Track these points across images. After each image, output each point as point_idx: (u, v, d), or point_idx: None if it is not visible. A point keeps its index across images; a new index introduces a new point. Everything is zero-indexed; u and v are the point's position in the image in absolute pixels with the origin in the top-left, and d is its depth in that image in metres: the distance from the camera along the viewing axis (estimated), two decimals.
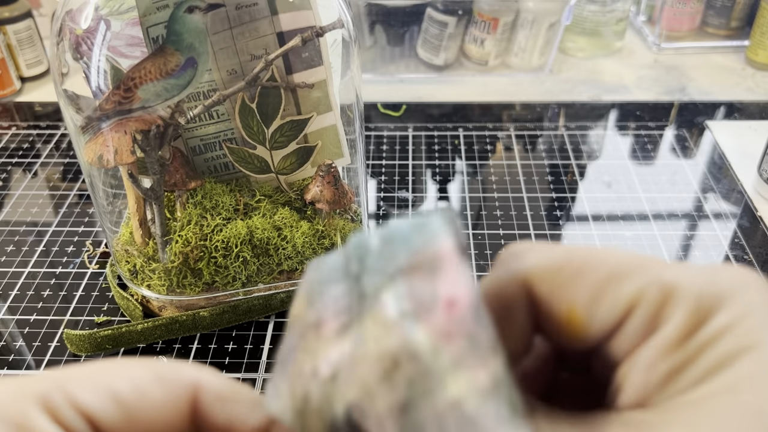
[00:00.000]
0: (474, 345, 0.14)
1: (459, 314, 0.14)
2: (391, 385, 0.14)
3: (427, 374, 0.14)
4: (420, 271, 0.15)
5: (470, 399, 0.13)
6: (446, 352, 0.14)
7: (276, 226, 0.47)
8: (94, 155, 0.43)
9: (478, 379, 0.14)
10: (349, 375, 0.15)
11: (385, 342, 0.14)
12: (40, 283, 0.53)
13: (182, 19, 0.40)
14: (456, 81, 0.81)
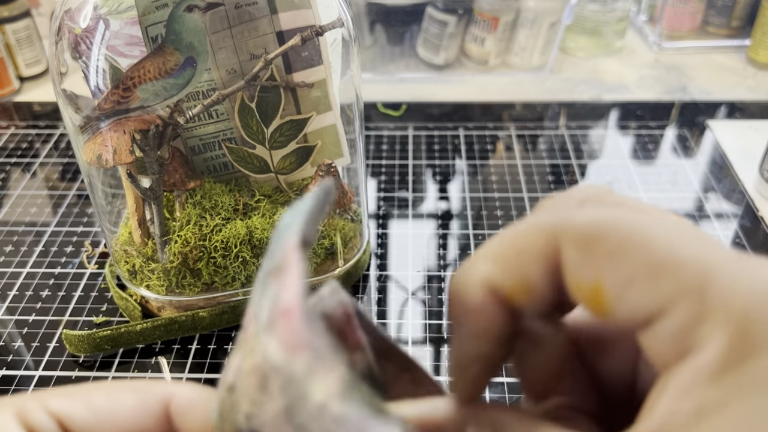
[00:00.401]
0: (316, 354, 0.15)
1: (294, 325, 0.15)
2: (269, 394, 0.15)
3: (291, 382, 0.15)
4: (276, 275, 0.16)
5: (332, 402, 0.14)
6: (297, 362, 0.15)
7: (275, 226, 0.47)
8: (92, 155, 0.43)
9: (331, 384, 0.14)
10: (240, 386, 0.16)
11: (252, 356, 0.15)
12: (38, 283, 0.53)
13: (181, 18, 0.40)
14: (456, 80, 0.81)
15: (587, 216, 0.16)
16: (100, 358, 0.47)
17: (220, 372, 0.45)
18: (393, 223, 0.58)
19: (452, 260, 0.54)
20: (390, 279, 0.53)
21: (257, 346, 0.15)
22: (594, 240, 0.15)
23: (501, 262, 0.17)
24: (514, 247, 0.17)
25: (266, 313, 0.15)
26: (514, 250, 0.17)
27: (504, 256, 0.17)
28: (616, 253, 0.15)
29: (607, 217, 0.16)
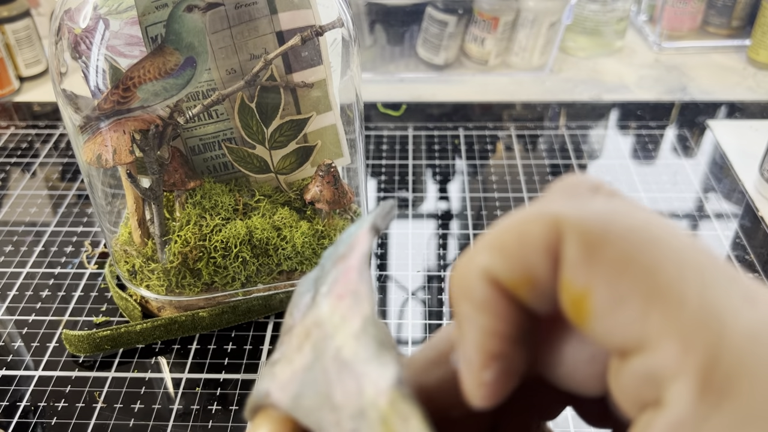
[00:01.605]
0: (356, 299, 0.16)
1: (350, 277, 0.16)
2: (301, 352, 0.16)
3: (326, 335, 0.16)
4: (344, 258, 0.17)
5: (346, 345, 0.15)
6: (338, 311, 0.16)
7: (275, 226, 0.47)
8: (92, 155, 0.43)
9: (353, 326, 0.15)
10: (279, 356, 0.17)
11: (306, 322, 0.16)
12: (38, 283, 0.53)
13: (181, 19, 0.40)
14: (456, 80, 0.81)
15: (597, 211, 0.15)
16: (99, 358, 0.47)
17: (221, 372, 0.45)
18: (393, 223, 0.58)
19: (452, 260, 0.54)
20: (390, 279, 0.53)
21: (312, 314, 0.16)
22: (599, 242, 0.14)
23: (501, 252, 0.15)
24: (515, 235, 0.15)
25: (328, 285, 0.16)
26: (516, 239, 0.15)
27: (504, 245, 0.15)
28: (618, 265, 0.14)
29: (618, 217, 0.14)
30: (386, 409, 0.14)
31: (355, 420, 0.14)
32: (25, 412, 0.43)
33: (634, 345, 0.14)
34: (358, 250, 0.17)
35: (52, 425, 0.42)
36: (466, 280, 0.16)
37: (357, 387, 0.15)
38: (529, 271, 0.15)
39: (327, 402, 0.15)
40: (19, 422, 0.43)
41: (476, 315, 0.15)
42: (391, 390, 0.14)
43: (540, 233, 0.15)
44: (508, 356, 0.16)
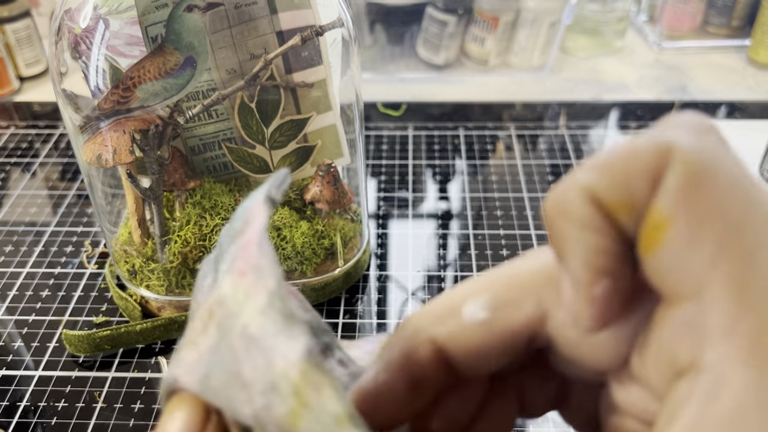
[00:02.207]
0: (259, 274, 0.15)
1: (250, 252, 0.16)
2: (206, 334, 0.16)
3: (230, 314, 0.15)
4: (241, 233, 0.16)
5: (252, 321, 0.15)
6: (241, 288, 0.15)
7: (275, 226, 0.47)
8: (92, 155, 0.43)
9: (258, 301, 0.15)
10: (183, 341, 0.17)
11: (209, 302, 0.16)
12: (38, 283, 0.53)
13: (181, 18, 0.40)
14: (456, 80, 0.81)
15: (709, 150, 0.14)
16: (99, 358, 0.47)
17: None
18: (393, 223, 0.58)
19: (452, 260, 0.54)
20: (390, 279, 0.53)
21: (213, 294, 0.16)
22: (700, 179, 0.14)
23: (607, 172, 0.15)
24: (623, 158, 0.15)
25: (227, 263, 0.16)
26: (624, 161, 0.15)
27: (610, 166, 0.15)
28: (710, 207, 0.14)
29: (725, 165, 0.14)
30: (298, 379, 0.14)
31: (267, 395, 0.14)
32: (25, 412, 0.43)
33: (690, 290, 0.14)
34: (256, 223, 0.16)
35: (52, 425, 0.42)
36: (567, 198, 0.15)
37: (266, 362, 0.14)
38: (631, 194, 0.14)
39: (236, 380, 0.15)
40: (19, 422, 0.43)
41: (579, 232, 0.15)
42: (301, 361, 0.14)
43: (649, 157, 0.14)
44: (615, 274, 0.15)
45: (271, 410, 0.14)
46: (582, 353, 0.17)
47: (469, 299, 0.17)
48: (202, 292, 0.17)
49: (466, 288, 0.18)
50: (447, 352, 0.17)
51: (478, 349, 0.17)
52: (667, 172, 0.14)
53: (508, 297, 0.17)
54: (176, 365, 0.16)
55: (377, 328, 0.49)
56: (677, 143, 0.14)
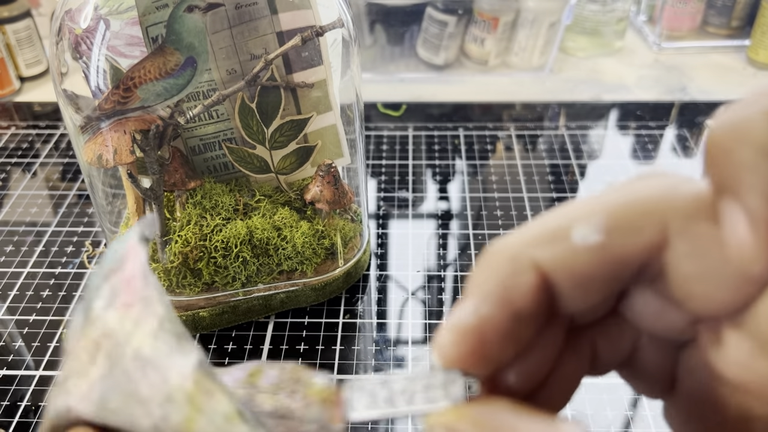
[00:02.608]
0: (147, 303, 0.16)
1: (134, 286, 0.17)
2: (95, 364, 0.16)
3: (118, 343, 0.16)
4: (115, 272, 0.17)
5: (144, 344, 0.16)
6: (128, 318, 0.16)
7: (276, 226, 0.47)
8: (93, 155, 0.43)
9: (149, 326, 0.16)
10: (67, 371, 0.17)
11: (89, 335, 0.17)
12: (39, 283, 0.53)
13: (182, 19, 0.40)
14: (456, 80, 0.81)
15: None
16: None
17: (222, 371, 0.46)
18: (393, 223, 0.58)
19: (452, 260, 0.54)
20: (390, 279, 0.53)
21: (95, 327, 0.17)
22: None
23: None
24: None
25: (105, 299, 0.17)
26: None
27: None
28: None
29: None
30: (191, 389, 0.15)
31: (163, 406, 0.15)
32: (26, 412, 0.43)
33: None
34: (135, 260, 0.17)
35: None
36: (751, 122, 0.14)
37: (162, 378, 0.16)
38: None
39: (134, 398, 0.16)
40: (20, 422, 0.43)
41: (763, 161, 0.13)
42: (194, 372, 0.16)
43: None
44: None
45: (168, 420, 0.15)
46: (696, 291, 0.15)
47: (579, 221, 0.15)
48: (74, 336, 0.17)
49: (574, 209, 0.16)
50: (552, 280, 0.16)
51: (587, 278, 0.15)
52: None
53: (627, 219, 0.15)
54: (65, 396, 0.16)
55: (377, 327, 0.49)
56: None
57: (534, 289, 0.15)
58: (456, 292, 0.51)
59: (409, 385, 0.16)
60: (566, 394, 0.18)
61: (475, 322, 0.15)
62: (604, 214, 0.15)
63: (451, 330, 0.15)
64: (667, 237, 0.15)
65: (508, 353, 0.16)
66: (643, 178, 0.16)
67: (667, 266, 0.15)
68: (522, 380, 0.17)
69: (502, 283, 0.15)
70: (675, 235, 0.15)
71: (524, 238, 0.16)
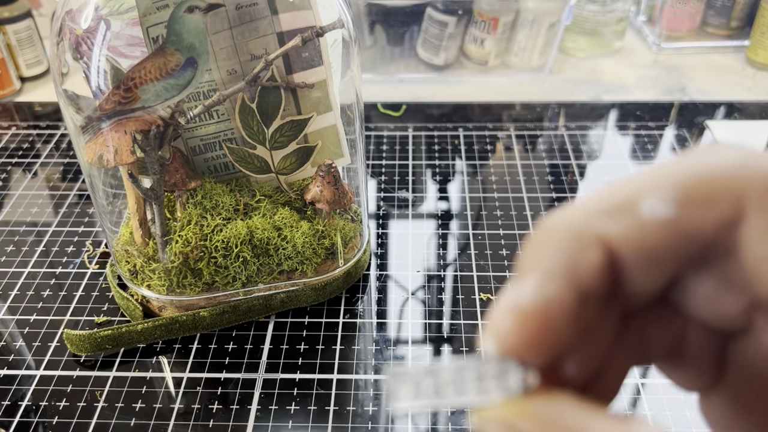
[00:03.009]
0: None
1: None
2: None
3: None
4: None
5: None
6: None
7: (276, 226, 0.47)
8: (94, 155, 0.43)
9: None
10: None
11: None
12: (39, 283, 0.53)
13: (182, 19, 0.40)
14: (456, 81, 0.81)
15: None
16: (101, 357, 0.47)
17: (221, 371, 0.46)
18: (393, 223, 0.59)
19: (452, 260, 0.54)
20: (390, 279, 0.53)
21: None
22: None
23: None
24: None
25: None
26: None
27: None
28: None
29: None
30: None
31: None
32: (26, 412, 0.43)
33: None
34: None
35: (54, 424, 0.43)
36: None
37: None
38: None
39: None
40: (20, 422, 0.43)
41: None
42: None
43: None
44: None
45: None
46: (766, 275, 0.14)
47: (648, 192, 0.14)
48: None
49: (641, 180, 0.15)
50: (619, 257, 0.14)
51: (656, 255, 0.14)
52: None
53: (701, 191, 0.14)
54: None
55: (377, 327, 0.49)
56: None
57: (602, 267, 0.14)
58: (456, 292, 0.51)
59: (458, 375, 0.15)
60: (617, 385, 0.17)
61: (539, 303, 0.14)
62: (676, 186, 0.14)
63: (511, 313, 0.14)
64: (743, 212, 0.14)
65: (573, 339, 0.14)
66: (715, 149, 0.15)
67: (739, 245, 0.14)
68: (580, 370, 0.16)
69: (568, 259, 0.14)
70: (752, 210, 0.14)
71: (589, 211, 0.15)
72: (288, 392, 0.44)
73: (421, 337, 0.48)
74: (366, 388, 0.44)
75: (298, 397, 0.44)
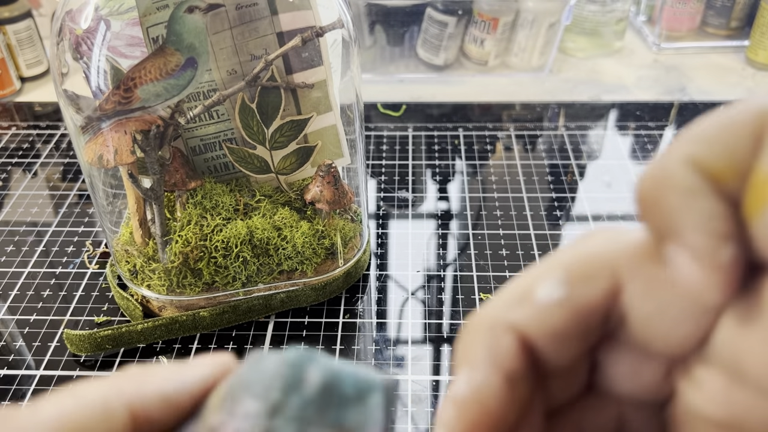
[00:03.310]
0: None
1: None
2: None
3: None
4: None
5: None
6: None
7: (276, 226, 0.47)
8: (94, 155, 0.43)
9: None
10: None
11: None
12: (40, 283, 0.53)
13: (182, 19, 0.40)
14: (456, 81, 0.81)
15: None
16: (101, 357, 0.47)
17: None
18: (393, 223, 0.59)
19: (452, 260, 0.54)
20: (390, 279, 0.53)
21: None
22: None
23: (708, 141, 0.15)
24: (720, 125, 0.15)
25: None
26: (721, 128, 0.15)
27: (709, 134, 0.15)
28: None
29: None
30: None
31: None
32: None
33: None
34: None
35: None
36: (670, 171, 0.15)
37: None
38: (734, 157, 0.14)
39: None
40: None
41: (691, 201, 0.15)
42: None
43: (747, 119, 0.14)
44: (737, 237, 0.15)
45: None
46: (657, 329, 0.16)
47: (541, 280, 0.17)
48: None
49: (535, 270, 0.17)
50: (529, 338, 0.16)
51: (559, 331, 0.16)
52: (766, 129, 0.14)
53: (582, 271, 0.16)
54: None
55: (377, 327, 0.49)
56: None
57: (517, 350, 0.16)
58: (456, 291, 0.51)
59: None
60: None
61: (472, 391, 0.16)
62: (562, 270, 0.17)
63: (451, 403, 0.16)
64: (621, 281, 0.16)
65: (511, 418, 0.16)
66: (590, 235, 0.18)
67: (626, 311, 0.16)
68: None
69: (488, 349, 0.16)
70: (627, 278, 0.16)
71: (497, 306, 0.17)
72: None
73: (421, 337, 0.48)
74: None
75: None
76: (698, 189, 0.15)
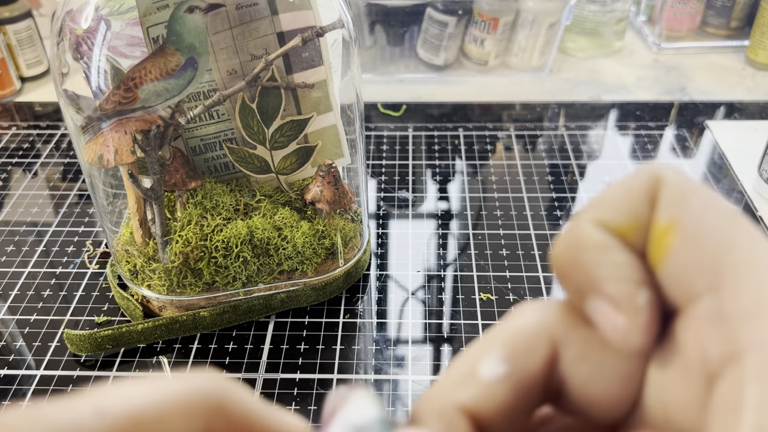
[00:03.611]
0: None
1: None
2: None
3: None
4: None
5: None
6: None
7: (276, 226, 0.47)
8: (94, 155, 0.43)
9: None
10: None
11: None
12: (40, 283, 0.53)
13: (182, 19, 0.40)
14: (456, 81, 0.81)
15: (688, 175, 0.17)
16: (101, 357, 0.47)
17: (222, 371, 0.46)
18: (393, 223, 0.59)
19: (452, 260, 0.54)
20: (390, 279, 0.53)
21: None
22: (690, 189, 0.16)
23: (610, 204, 0.17)
24: (621, 189, 0.17)
25: None
26: (622, 191, 0.17)
27: (611, 198, 0.17)
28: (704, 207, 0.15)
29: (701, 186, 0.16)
30: None
31: None
32: None
33: (705, 283, 0.15)
34: None
35: None
36: (580, 234, 0.16)
37: None
38: (635, 215, 0.16)
39: None
40: None
41: (604, 255, 0.16)
42: None
43: (643, 182, 0.16)
44: (650, 285, 0.16)
45: None
46: (595, 391, 0.17)
47: (482, 358, 0.17)
48: None
49: (475, 350, 0.18)
50: (479, 416, 0.17)
51: (506, 406, 0.17)
52: (661, 190, 0.16)
53: (521, 344, 0.17)
54: None
55: (377, 327, 0.49)
56: (663, 171, 0.16)
57: (471, 430, 0.17)
58: (456, 291, 0.51)
59: None
60: None
61: None
62: (501, 346, 0.17)
63: None
64: (557, 349, 0.17)
65: None
66: (523, 308, 0.18)
67: (565, 378, 0.17)
68: None
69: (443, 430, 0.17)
70: (562, 344, 0.17)
71: (443, 388, 0.17)
72: (288, 392, 0.44)
73: (421, 337, 0.48)
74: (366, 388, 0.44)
75: (299, 397, 0.44)
76: (609, 244, 0.16)
